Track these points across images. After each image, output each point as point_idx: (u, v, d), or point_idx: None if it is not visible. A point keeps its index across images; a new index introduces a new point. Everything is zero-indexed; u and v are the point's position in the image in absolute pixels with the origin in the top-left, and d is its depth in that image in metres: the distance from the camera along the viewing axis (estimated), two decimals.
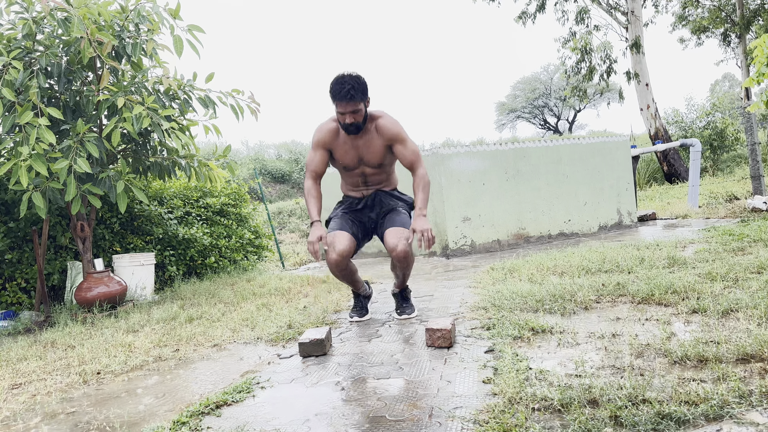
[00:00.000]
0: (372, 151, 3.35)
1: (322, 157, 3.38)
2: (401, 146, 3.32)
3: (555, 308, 3.22)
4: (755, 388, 1.83)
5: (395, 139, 3.31)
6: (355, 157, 3.38)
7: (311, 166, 3.39)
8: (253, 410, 2.17)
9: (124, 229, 6.11)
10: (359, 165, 3.42)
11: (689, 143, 9.55)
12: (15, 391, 2.75)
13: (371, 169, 3.44)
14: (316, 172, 3.39)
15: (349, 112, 3.16)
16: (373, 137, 3.32)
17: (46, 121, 4.18)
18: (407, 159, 3.32)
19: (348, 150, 3.36)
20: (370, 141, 3.33)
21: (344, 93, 3.11)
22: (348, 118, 3.18)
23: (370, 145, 3.34)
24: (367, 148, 3.34)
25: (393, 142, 3.32)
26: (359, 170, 3.45)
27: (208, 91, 5.01)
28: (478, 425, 1.81)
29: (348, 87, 3.11)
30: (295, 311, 3.97)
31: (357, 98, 3.13)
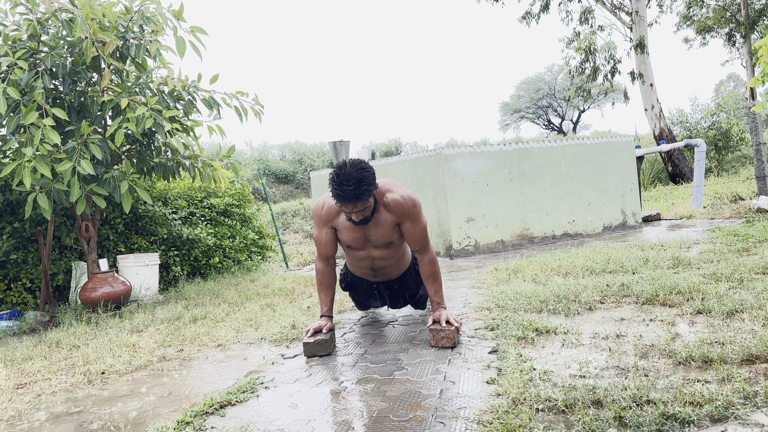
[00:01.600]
0: (380, 230, 2.95)
1: (329, 237, 3.02)
2: (411, 225, 2.93)
3: (559, 309, 3.22)
4: (760, 389, 1.83)
5: (406, 216, 2.91)
6: (362, 237, 3.00)
7: (320, 248, 3.04)
8: (257, 410, 2.17)
9: (129, 229, 6.12)
10: (365, 246, 3.05)
11: (694, 143, 9.52)
12: (20, 390, 2.76)
13: (379, 251, 3.06)
14: (326, 255, 3.04)
15: (356, 212, 2.77)
16: (381, 216, 2.92)
17: (51, 121, 4.19)
18: (414, 240, 2.97)
19: (353, 229, 2.96)
20: (378, 219, 2.92)
21: (350, 195, 2.65)
22: (356, 216, 2.80)
23: (378, 224, 2.93)
24: (374, 228, 2.95)
25: (403, 220, 2.92)
26: (365, 252, 3.08)
27: (213, 93, 5.02)
28: (482, 426, 1.80)
29: (353, 186, 2.63)
30: (299, 311, 3.97)
31: (364, 198, 2.68)
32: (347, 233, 2.99)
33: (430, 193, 6.85)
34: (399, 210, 2.90)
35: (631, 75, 15.51)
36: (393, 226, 2.95)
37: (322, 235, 3.03)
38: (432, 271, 2.99)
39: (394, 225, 2.95)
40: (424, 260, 2.99)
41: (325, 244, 3.03)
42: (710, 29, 22.05)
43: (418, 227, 2.95)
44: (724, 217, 7.75)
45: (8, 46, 4.42)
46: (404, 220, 2.93)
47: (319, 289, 3.08)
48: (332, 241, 3.04)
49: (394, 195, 2.91)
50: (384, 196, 2.91)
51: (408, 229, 2.95)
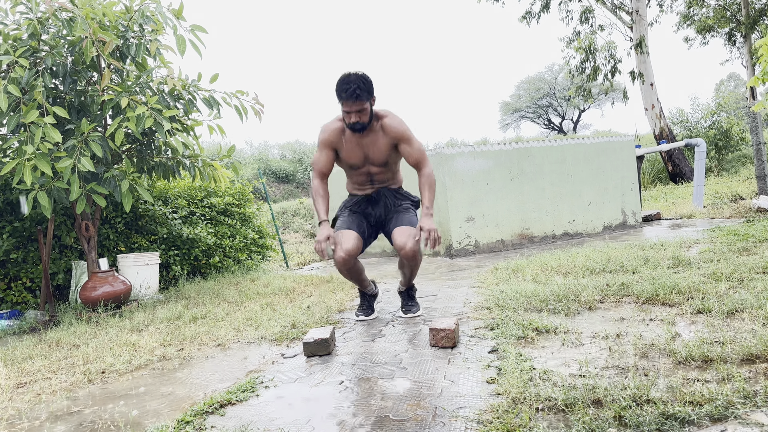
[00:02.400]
0: (377, 149, 3.37)
1: (328, 157, 3.39)
2: (407, 145, 3.34)
3: (559, 308, 3.22)
4: (760, 389, 1.83)
5: (401, 138, 3.33)
6: (361, 155, 3.40)
7: (318, 165, 3.40)
8: (257, 410, 2.17)
9: (129, 228, 6.12)
10: (365, 164, 3.44)
11: (694, 143, 9.52)
12: (20, 389, 2.76)
13: (377, 168, 3.46)
14: (322, 172, 3.40)
15: (354, 111, 3.19)
16: (378, 136, 3.34)
17: (52, 119, 4.20)
18: (413, 158, 3.34)
19: (353, 148, 3.37)
20: (376, 140, 3.35)
21: (350, 92, 3.13)
22: (353, 117, 3.21)
23: (376, 144, 3.36)
24: (372, 147, 3.36)
25: (399, 141, 3.34)
26: (365, 169, 3.47)
27: (213, 92, 5.02)
28: (482, 425, 1.81)
29: (354, 86, 3.12)
30: (299, 311, 3.97)
31: (363, 97, 3.15)
32: (349, 152, 3.39)
33: None
34: (392, 133, 3.33)
35: (631, 74, 15.51)
36: (389, 147, 3.36)
37: (322, 155, 3.40)
38: (429, 182, 3.32)
39: (390, 146, 3.36)
40: (423, 173, 3.34)
41: (324, 163, 3.40)
42: (710, 29, 22.04)
43: (414, 147, 3.35)
44: (725, 216, 7.75)
45: (9, 45, 4.43)
46: (400, 142, 3.34)
47: (315, 201, 3.39)
48: (330, 161, 3.41)
49: (388, 120, 3.33)
50: (381, 119, 3.34)
51: (405, 150, 3.35)
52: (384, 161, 3.42)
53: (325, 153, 3.39)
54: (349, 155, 3.40)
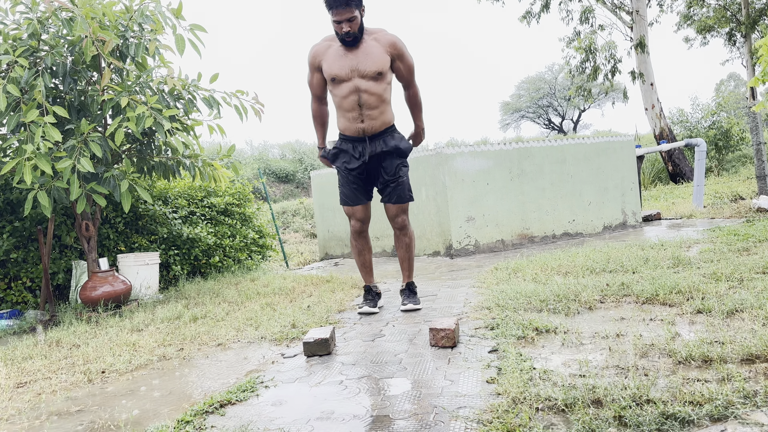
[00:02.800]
0: (370, 59, 3.28)
1: (318, 80, 3.46)
2: (400, 60, 3.35)
3: (559, 308, 3.22)
4: (760, 389, 1.83)
5: (394, 48, 3.32)
6: (348, 66, 3.30)
7: (312, 89, 3.54)
8: (257, 409, 2.17)
9: (129, 228, 6.12)
10: (352, 76, 3.31)
11: (694, 143, 9.52)
12: (20, 389, 2.76)
13: (366, 82, 3.30)
14: (317, 95, 3.54)
15: (345, 20, 3.15)
16: (370, 45, 3.29)
17: (52, 119, 4.19)
18: (405, 73, 3.41)
19: (340, 59, 3.31)
20: (368, 49, 3.28)
21: (339, 3, 3.11)
22: (345, 27, 3.17)
23: (368, 53, 3.28)
24: (364, 57, 3.28)
25: (392, 51, 3.31)
26: (352, 83, 3.32)
27: (213, 92, 5.02)
28: (482, 425, 1.81)
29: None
30: (299, 311, 3.97)
31: (352, 4, 3.12)
32: (335, 63, 3.31)
33: (430, 193, 6.85)
34: (386, 40, 3.30)
35: (631, 74, 15.51)
36: (381, 54, 3.29)
37: (314, 78, 3.48)
38: (416, 100, 3.54)
39: (383, 54, 3.29)
40: (410, 92, 3.51)
41: (316, 85, 3.50)
42: (711, 29, 22.04)
43: (406, 62, 3.38)
44: (725, 216, 7.75)
45: (8, 45, 4.42)
46: (393, 52, 3.31)
47: (315, 125, 3.62)
48: (322, 81, 3.46)
49: (382, 33, 3.34)
50: (374, 33, 3.32)
51: (397, 65, 3.36)
52: (375, 73, 3.29)
53: (315, 76, 3.46)
54: (336, 66, 3.31)
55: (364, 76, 3.29)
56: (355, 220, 3.65)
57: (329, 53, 3.33)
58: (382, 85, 3.35)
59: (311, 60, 3.42)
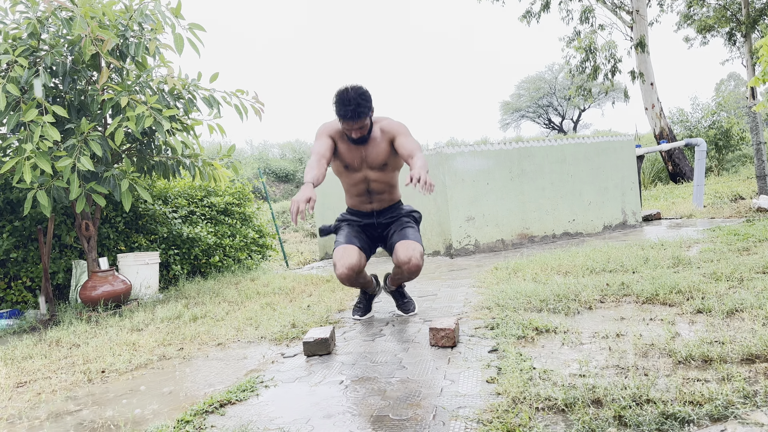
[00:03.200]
0: (376, 152, 3.30)
1: (328, 144, 3.24)
2: (403, 138, 3.22)
3: (559, 308, 3.22)
4: (760, 389, 1.83)
5: (397, 133, 3.25)
6: (359, 156, 3.33)
7: (316, 149, 3.20)
8: (257, 409, 2.17)
9: (129, 228, 6.12)
10: (362, 167, 3.35)
11: (694, 143, 9.52)
12: (20, 389, 2.76)
13: (375, 173, 3.37)
14: (320, 153, 3.17)
15: (356, 128, 3.16)
16: (376, 139, 3.29)
17: (51, 118, 4.19)
18: (407, 148, 3.15)
19: (352, 150, 3.32)
20: (374, 143, 3.30)
21: (350, 113, 3.07)
22: (354, 134, 3.19)
23: (375, 147, 3.30)
24: (372, 150, 3.31)
25: (395, 136, 3.25)
26: (362, 174, 3.38)
27: (213, 91, 5.02)
28: (482, 425, 1.80)
29: (353, 105, 3.05)
30: (299, 310, 3.97)
31: (363, 115, 3.10)
32: (348, 153, 3.32)
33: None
34: (390, 129, 3.27)
35: (631, 74, 15.50)
36: (387, 146, 3.29)
37: (321, 142, 3.24)
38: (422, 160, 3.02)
39: (388, 145, 3.29)
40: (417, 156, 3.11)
41: (322, 147, 3.20)
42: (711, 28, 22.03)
43: (409, 139, 3.23)
44: (725, 216, 7.74)
45: (8, 44, 4.42)
46: (397, 137, 3.24)
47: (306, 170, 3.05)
48: (330, 147, 3.25)
49: (386, 122, 3.31)
50: (380, 123, 3.31)
51: (402, 143, 3.20)
52: (382, 163, 3.33)
53: (325, 140, 3.26)
54: (347, 156, 3.34)
55: (372, 167, 3.35)
56: (344, 266, 3.22)
57: (344, 141, 3.30)
58: (389, 174, 3.41)
59: (325, 131, 3.29)
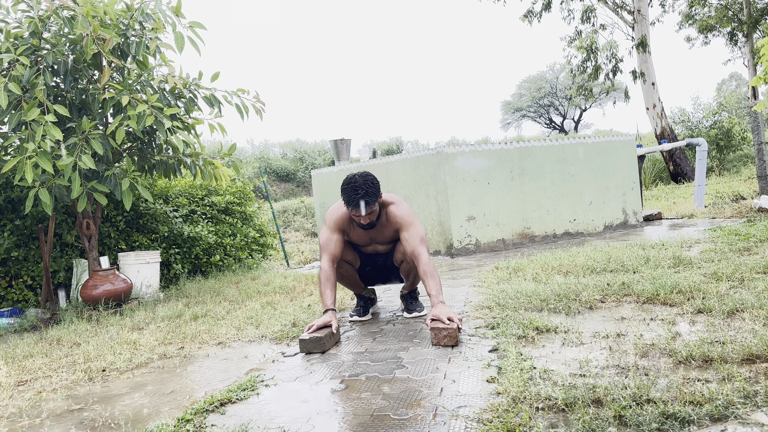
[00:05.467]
0: (384, 234, 3.45)
1: (339, 241, 3.36)
2: (406, 233, 3.30)
3: (560, 308, 3.22)
4: (760, 389, 1.83)
5: (401, 226, 3.33)
6: (368, 238, 3.49)
7: (329, 248, 3.34)
8: (258, 408, 2.18)
9: (130, 227, 6.13)
10: (371, 244, 3.54)
11: (695, 143, 9.51)
12: (21, 387, 2.76)
13: (383, 246, 3.56)
14: (334, 255, 3.34)
15: (364, 217, 3.22)
16: (383, 224, 3.39)
17: (53, 117, 4.20)
18: (410, 246, 3.24)
19: (361, 234, 3.46)
20: (382, 226, 3.40)
21: (358, 201, 3.15)
22: (363, 220, 3.25)
23: (381, 232, 3.43)
24: (378, 233, 3.44)
25: (399, 228, 3.35)
26: (372, 247, 3.58)
27: (214, 90, 5.02)
28: (482, 424, 1.81)
29: (361, 194, 3.13)
30: (300, 309, 3.98)
31: (371, 203, 3.18)
32: (357, 235, 3.47)
33: (431, 192, 6.85)
34: (396, 221, 3.35)
35: (632, 74, 15.49)
36: (393, 232, 3.43)
37: (333, 238, 3.36)
38: (430, 270, 3.15)
39: (394, 232, 3.43)
40: (420, 260, 3.19)
41: (335, 245, 3.35)
42: (712, 28, 22.01)
43: (413, 233, 3.28)
44: (726, 216, 7.74)
45: (10, 43, 4.43)
46: (400, 230, 3.34)
47: (324, 286, 3.25)
48: (341, 243, 3.38)
49: (393, 208, 3.36)
50: (387, 208, 3.36)
51: (403, 237, 3.32)
52: (390, 241, 3.51)
53: (335, 237, 3.36)
54: (357, 238, 3.49)
55: (381, 243, 3.53)
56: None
57: (353, 227, 3.40)
58: (395, 242, 3.53)
59: (333, 224, 3.37)
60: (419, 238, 3.25)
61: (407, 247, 3.27)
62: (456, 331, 2.76)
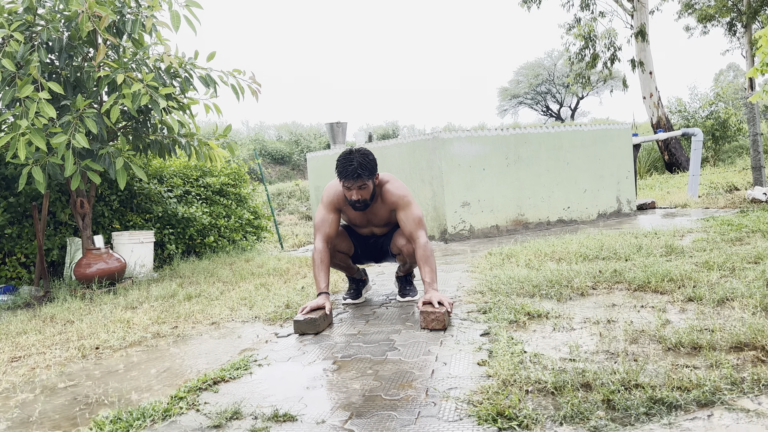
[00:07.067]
0: (380, 215, 3.37)
1: (334, 220, 3.30)
2: (403, 213, 3.23)
3: (551, 294, 3.24)
4: (747, 376, 1.86)
5: (397, 205, 3.25)
6: (364, 219, 3.41)
7: (323, 227, 3.27)
8: (250, 387, 2.19)
9: (124, 206, 6.11)
10: (368, 225, 3.46)
11: (691, 132, 9.53)
12: (14, 364, 2.77)
13: (380, 228, 3.49)
14: (328, 235, 3.27)
15: (355, 188, 3.13)
16: (378, 204, 3.31)
17: (47, 94, 4.16)
18: (407, 228, 3.20)
19: (359, 214, 3.38)
20: (377, 207, 3.32)
21: (351, 171, 3.07)
22: (354, 195, 3.15)
23: (377, 212, 3.35)
24: (374, 214, 3.36)
25: (396, 208, 3.27)
26: (367, 229, 3.51)
27: (209, 70, 4.98)
28: (472, 406, 1.83)
29: (355, 164, 3.07)
30: (294, 291, 3.99)
31: (364, 176, 3.10)
32: (353, 215, 3.39)
33: (426, 177, 6.85)
34: (391, 199, 3.28)
35: (631, 63, 15.45)
36: (389, 212, 3.36)
37: (328, 218, 3.29)
38: (425, 255, 3.12)
39: (389, 212, 3.35)
40: (417, 244, 3.16)
41: (330, 224, 3.29)
42: (711, 18, 21.94)
43: (409, 214, 3.22)
44: (719, 206, 7.78)
45: (4, 19, 4.37)
46: (397, 209, 3.27)
47: (318, 268, 3.19)
48: (336, 224, 3.33)
49: (389, 186, 3.29)
50: (383, 186, 3.29)
51: (400, 217, 3.26)
52: (386, 222, 3.43)
53: (331, 216, 3.30)
54: (353, 218, 3.43)
55: (377, 225, 3.46)
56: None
57: (347, 206, 3.32)
58: (392, 224, 3.47)
59: (331, 201, 3.30)
60: (416, 220, 3.19)
61: (404, 229, 3.22)
62: (444, 315, 2.78)
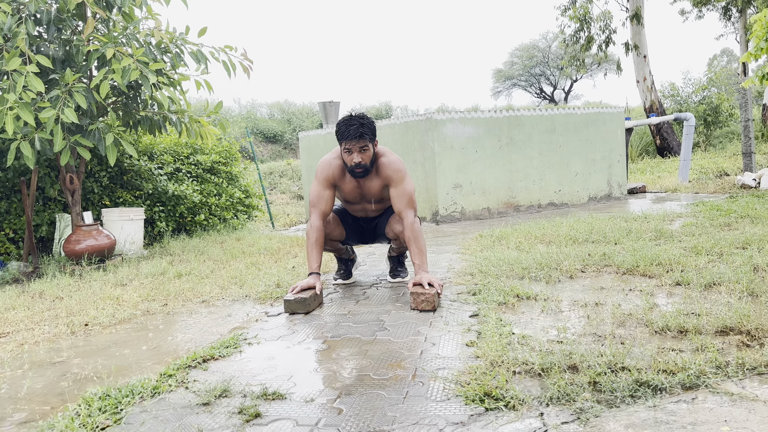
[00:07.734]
0: (374, 188, 3.32)
1: (330, 197, 3.27)
2: (394, 189, 3.21)
3: (540, 276, 3.26)
4: (732, 360, 1.88)
5: (391, 179, 3.22)
6: (359, 194, 3.37)
7: (319, 204, 3.24)
8: (240, 365, 2.20)
9: (114, 183, 6.06)
10: (361, 201, 3.42)
11: (683, 117, 9.55)
12: (2, 339, 2.76)
13: (374, 205, 3.44)
14: (323, 212, 3.25)
15: (357, 149, 3.11)
16: (374, 175, 3.27)
17: (35, 68, 4.09)
18: (397, 205, 3.20)
19: (353, 188, 3.33)
20: (372, 179, 3.29)
21: (353, 130, 3.07)
22: (356, 157, 3.12)
23: (372, 183, 3.30)
24: (370, 185, 3.31)
25: (389, 183, 3.24)
26: (361, 205, 3.46)
27: (201, 46, 4.91)
28: (460, 386, 1.85)
29: (357, 124, 3.08)
30: (284, 271, 3.99)
31: (366, 137, 3.09)
32: (348, 189, 3.34)
33: (418, 158, 6.83)
34: (386, 175, 3.24)
35: (625, 46, 15.39)
36: (382, 187, 3.31)
37: (324, 194, 3.26)
38: (414, 235, 3.12)
39: (383, 187, 3.30)
40: (406, 223, 3.16)
41: (326, 201, 3.26)
42: (707, 2, 21.80)
43: (401, 191, 3.20)
44: (709, 192, 7.84)
45: None
46: (389, 184, 3.24)
47: (311, 246, 3.19)
48: (332, 200, 3.30)
49: (384, 159, 3.25)
50: (378, 159, 3.25)
51: (392, 195, 3.23)
52: (380, 198, 3.38)
53: (327, 191, 3.26)
54: (348, 193, 3.37)
55: (369, 201, 3.41)
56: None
57: (345, 180, 3.28)
58: (386, 202, 3.43)
59: (327, 176, 3.25)
60: (407, 199, 3.18)
61: (394, 206, 3.23)
62: (434, 296, 2.79)
